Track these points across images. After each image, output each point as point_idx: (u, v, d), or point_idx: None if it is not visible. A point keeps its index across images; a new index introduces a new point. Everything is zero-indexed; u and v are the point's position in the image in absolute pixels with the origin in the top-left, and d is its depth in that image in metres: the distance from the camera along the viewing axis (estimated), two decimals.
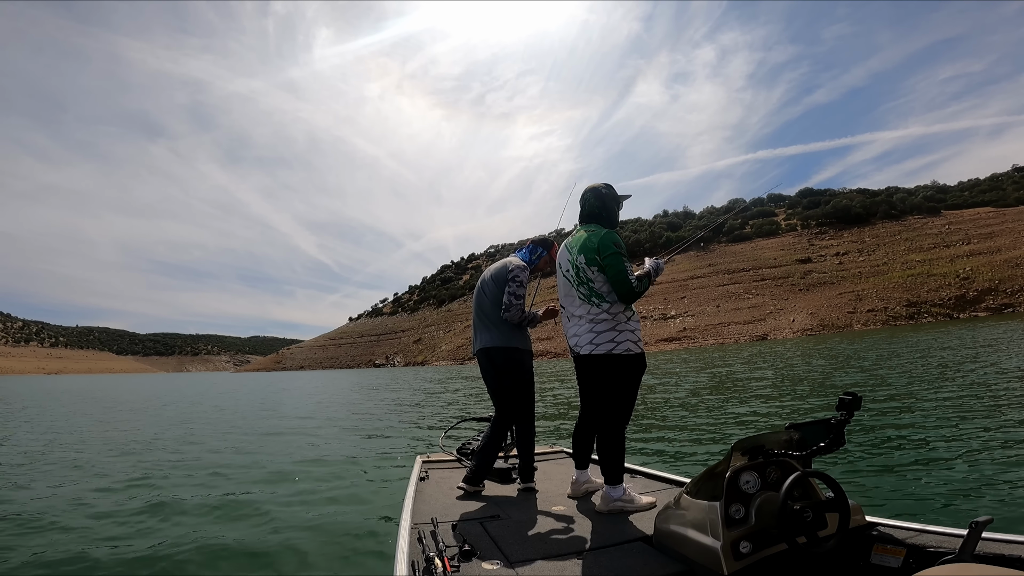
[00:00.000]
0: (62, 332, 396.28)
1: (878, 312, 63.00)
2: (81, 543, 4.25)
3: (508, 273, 3.24)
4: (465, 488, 3.06)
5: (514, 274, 3.22)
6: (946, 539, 1.81)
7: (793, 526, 1.73)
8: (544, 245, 3.47)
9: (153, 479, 6.57)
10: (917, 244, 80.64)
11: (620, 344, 2.64)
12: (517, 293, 3.19)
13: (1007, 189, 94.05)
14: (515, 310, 3.18)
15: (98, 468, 7.34)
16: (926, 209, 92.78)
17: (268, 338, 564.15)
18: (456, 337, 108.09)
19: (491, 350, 3.24)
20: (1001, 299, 59.12)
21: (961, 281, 64.48)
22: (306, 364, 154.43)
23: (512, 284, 3.19)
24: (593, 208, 2.90)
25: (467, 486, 3.07)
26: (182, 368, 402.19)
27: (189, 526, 4.57)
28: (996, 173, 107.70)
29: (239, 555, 3.89)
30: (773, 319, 67.58)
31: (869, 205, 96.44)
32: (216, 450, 8.84)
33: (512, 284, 3.19)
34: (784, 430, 1.97)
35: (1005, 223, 77.30)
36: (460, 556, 2.00)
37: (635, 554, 2.08)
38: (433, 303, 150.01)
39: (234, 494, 5.64)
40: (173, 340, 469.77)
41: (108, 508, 5.27)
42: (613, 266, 2.63)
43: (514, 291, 3.18)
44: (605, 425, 2.69)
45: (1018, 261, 64.02)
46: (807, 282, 77.55)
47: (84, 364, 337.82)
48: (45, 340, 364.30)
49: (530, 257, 3.43)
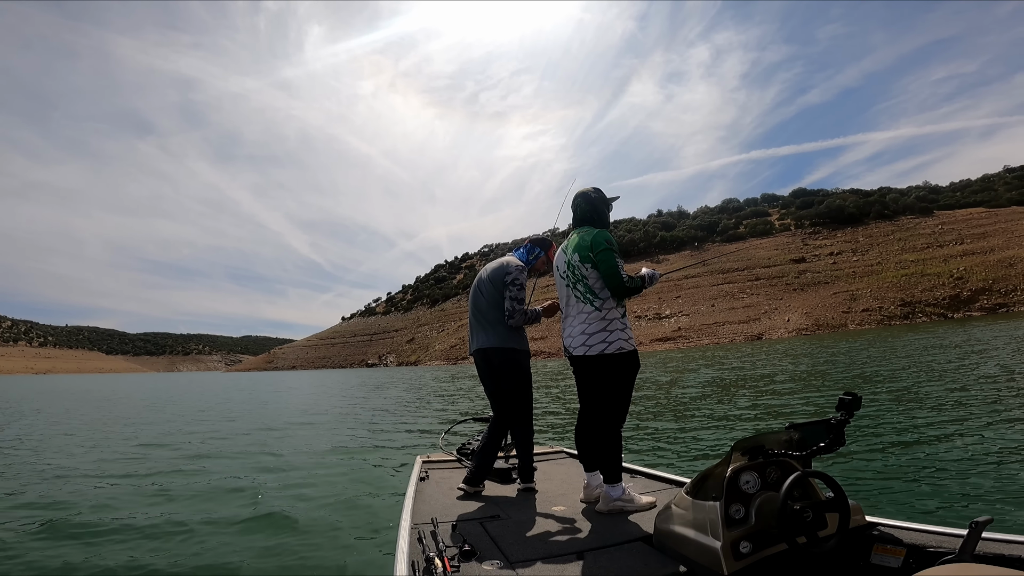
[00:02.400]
0: (51, 331, 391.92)
1: (873, 312, 63.00)
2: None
3: (506, 276, 3.20)
4: (465, 489, 3.05)
5: (513, 277, 3.19)
6: (946, 539, 1.80)
7: (793, 526, 1.73)
8: (542, 245, 3.44)
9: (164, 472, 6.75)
10: (910, 244, 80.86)
11: (612, 344, 2.69)
12: (518, 297, 3.17)
13: (999, 190, 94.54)
14: (519, 316, 3.17)
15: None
16: (919, 209, 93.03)
17: (260, 337, 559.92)
18: (449, 337, 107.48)
19: (488, 351, 3.22)
20: (995, 299, 59.27)
21: (955, 281, 64.63)
22: (298, 364, 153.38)
23: (512, 288, 3.17)
24: (585, 212, 2.99)
25: (467, 487, 3.06)
26: (173, 368, 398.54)
27: (188, 526, 4.55)
28: (988, 174, 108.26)
29: (238, 556, 3.87)
30: (768, 319, 67.48)
31: (862, 205, 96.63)
32: (216, 448, 8.77)
33: (512, 288, 3.17)
34: (784, 430, 1.96)
35: (998, 223, 77.62)
36: (460, 556, 1.99)
37: (635, 554, 2.08)
38: (427, 303, 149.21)
39: (233, 494, 5.63)
40: (164, 340, 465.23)
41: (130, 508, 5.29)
42: (605, 261, 2.71)
43: (515, 295, 3.16)
44: (602, 424, 2.74)
45: (1011, 261, 64.25)
46: (801, 282, 77.58)
47: (73, 364, 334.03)
48: (34, 340, 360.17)
49: (527, 257, 3.39)
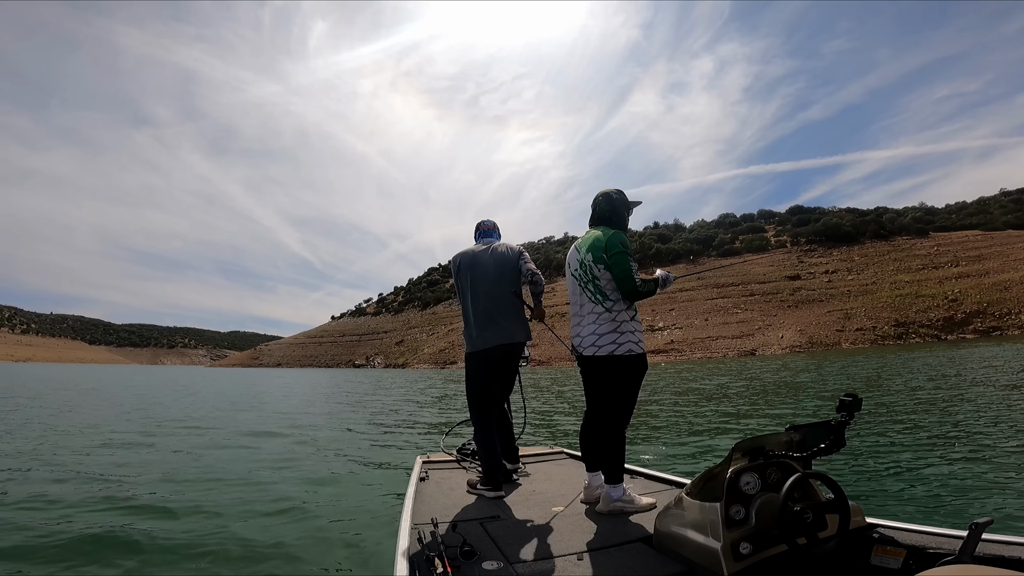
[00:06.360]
0: (35, 319, 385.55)
1: (867, 331, 62.49)
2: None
3: (518, 257, 3.28)
4: (483, 493, 3.00)
5: (525, 257, 3.30)
6: (946, 540, 1.81)
7: (793, 527, 1.74)
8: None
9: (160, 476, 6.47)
10: (906, 265, 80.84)
11: (622, 345, 2.69)
12: (537, 271, 3.25)
13: (994, 213, 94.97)
14: (543, 284, 3.28)
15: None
16: (915, 230, 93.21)
17: (248, 333, 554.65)
18: (439, 340, 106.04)
19: (514, 346, 3.24)
20: (989, 322, 58.96)
21: (949, 303, 64.37)
22: (284, 361, 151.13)
23: (529, 262, 3.28)
24: (603, 211, 2.97)
25: (487, 490, 3.00)
26: (157, 360, 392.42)
27: (186, 525, 4.51)
28: (984, 196, 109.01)
29: (237, 557, 3.82)
30: (762, 334, 66.82)
31: (858, 224, 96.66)
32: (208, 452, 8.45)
33: (529, 262, 3.28)
34: (784, 431, 1.97)
35: (993, 246, 77.78)
36: (460, 556, 2.00)
37: (635, 555, 2.09)
38: (418, 305, 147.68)
39: (232, 495, 5.53)
40: (149, 332, 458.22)
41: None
42: (619, 264, 2.70)
43: (536, 270, 3.25)
44: (606, 425, 2.74)
45: (1006, 284, 64.13)
46: (796, 299, 77.16)
47: (54, 353, 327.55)
48: (16, 326, 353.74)
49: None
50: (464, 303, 3.30)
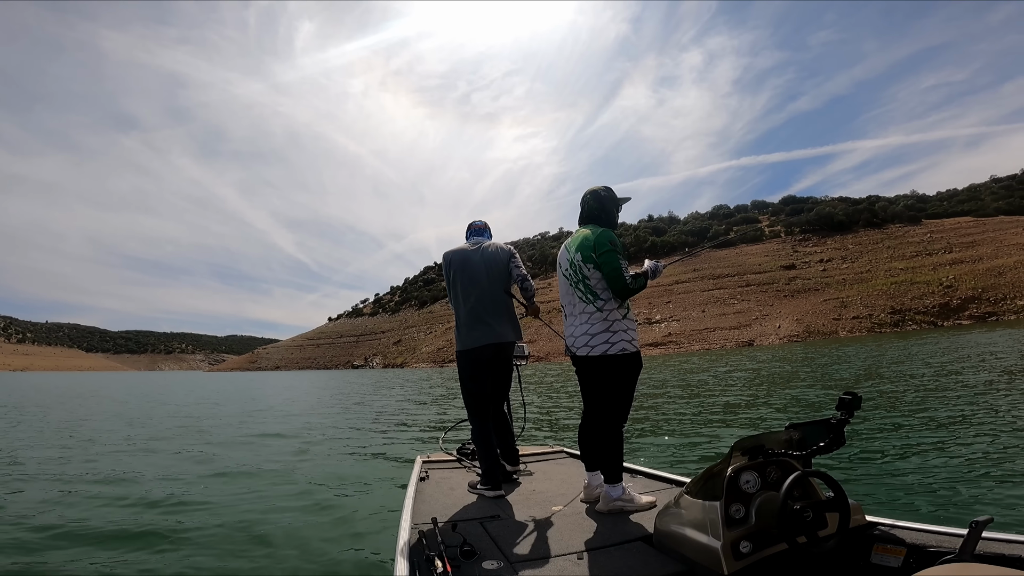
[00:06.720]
0: (30, 328, 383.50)
1: (863, 319, 62.82)
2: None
3: (509, 259, 3.28)
4: (483, 492, 3.01)
5: (516, 261, 3.30)
6: (946, 539, 1.80)
7: (793, 526, 1.73)
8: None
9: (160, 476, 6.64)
10: (900, 252, 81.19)
11: (615, 344, 2.67)
12: (527, 275, 3.31)
13: (985, 199, 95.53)
14: (533, 289, 3.36)
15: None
16: (907, 218, 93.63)
17: (245, 337, 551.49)
18: (437, 339, 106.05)
19: (506, 345, 3.25)
20: (984, 307, 59.31)
21: (944, 289, 64.74)
22: (282, 364, 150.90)
23: (520, 265, 3.30)
24: (592, 210, 2.94)
25: (486, 490, 3.01)
26: (154, 367, 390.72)
27: (186, 525, 4.56)
28: (974, 183, 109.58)
29: (237, 557, 3.85)
30: (759, 325, 67.07)
31: (851, 213, 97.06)
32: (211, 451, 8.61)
33: (520, 265, 3.30)
34: (784, 430, 1.96)
35: (986, 232, 78.19)
36: (460, 556, 1.99)
37: (635, 554, 2.08)
38: (415, 304, 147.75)
39: (231, 494, 5.59)
40: (146, 338, 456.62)
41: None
42: (608, 263, 2.68)
43: (526, 275, 3.29)
44: (603, 424, 2.73)
45: (1000, 270, 64.51)
46: (792, 288, 77.44)
47: (51, 361, 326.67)
48: (12, 336, 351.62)
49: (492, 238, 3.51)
50: (455, 302, 3.30)
